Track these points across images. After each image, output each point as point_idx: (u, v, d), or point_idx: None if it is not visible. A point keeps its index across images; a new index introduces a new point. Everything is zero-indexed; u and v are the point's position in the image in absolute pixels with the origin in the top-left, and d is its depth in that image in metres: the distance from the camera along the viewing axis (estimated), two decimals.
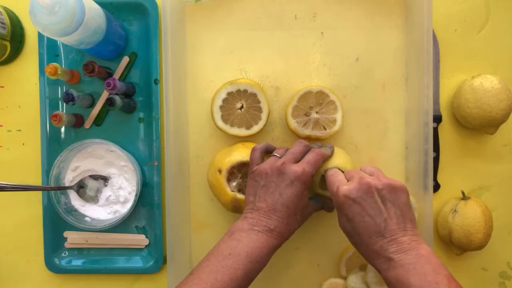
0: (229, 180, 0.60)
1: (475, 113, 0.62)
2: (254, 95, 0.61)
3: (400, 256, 0.48)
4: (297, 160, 0.56)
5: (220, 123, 0.62)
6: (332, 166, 0.59)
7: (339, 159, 0.59)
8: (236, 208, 0.60)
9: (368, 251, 0.51)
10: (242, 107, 0.62)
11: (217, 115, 0.62)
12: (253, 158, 0.58)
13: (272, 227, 0.53)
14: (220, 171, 0.60)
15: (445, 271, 0.47)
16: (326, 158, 0.58)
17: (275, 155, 0.58)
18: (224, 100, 0.61)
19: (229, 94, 0.61)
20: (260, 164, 0.57)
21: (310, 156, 0.57)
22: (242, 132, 0.62)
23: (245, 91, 0.61)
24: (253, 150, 0.59)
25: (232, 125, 0.62)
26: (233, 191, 0.60)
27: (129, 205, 0.65)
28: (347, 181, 0.53)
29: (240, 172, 0.61)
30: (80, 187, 0.66)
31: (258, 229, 0.52)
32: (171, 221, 0.61)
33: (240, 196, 0.60)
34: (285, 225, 0.54)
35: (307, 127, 0.62)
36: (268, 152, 0.60)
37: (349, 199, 0.51)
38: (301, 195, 0.54)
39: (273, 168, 0.55)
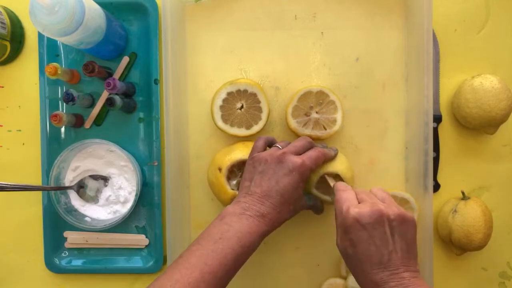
0: (229, 178, 0.60)
1: (475, 113, 0.62)
2: (254, 95, 0.61)
3: None
4: (298, 153, 0.56)
5: (220, 123, 0.62)
6: (333, 170, 0.58)
7: (340, 165, 0.59)
8: None
9: (366, 281, 0.49)
10: (242, 107, 0.62)
11: (217, 115, 0.62)
12: (256, 145, 0.58)
13: (264, 213, 0.52)
14: (220, 169, 0.60)
15: None
16: (328, 158, 0.58)
17: (277, 146, 0.58)
18: (224, 100, 0.61)
19: (229, 94, 0.61)
20: (260, 152, 0.57)
21: (312, 152, 0.56)
22: (242, 132, 0.62)
23: (245, 91, 0.61)
24: (258, 139, 0.59)
25: (232, 125, 0.62)
26: (233, 189, 0.60)
27: (129, 205, 0.65)
28: (358, 202, 0.51)
29: (240, 170, 0.61)
30: (80, 187, 0.66)
31: (250, 214, 0.52)
32: (171, 221, 0.61)
33: None
34: (277, 213, 0.53)
35: (307, 127, 0.62)
36: (270, 146, 0.60)
37: (359, 223, 0.49)
38: (297, 186, 0.54)
39: (272, 156, 0.55)
